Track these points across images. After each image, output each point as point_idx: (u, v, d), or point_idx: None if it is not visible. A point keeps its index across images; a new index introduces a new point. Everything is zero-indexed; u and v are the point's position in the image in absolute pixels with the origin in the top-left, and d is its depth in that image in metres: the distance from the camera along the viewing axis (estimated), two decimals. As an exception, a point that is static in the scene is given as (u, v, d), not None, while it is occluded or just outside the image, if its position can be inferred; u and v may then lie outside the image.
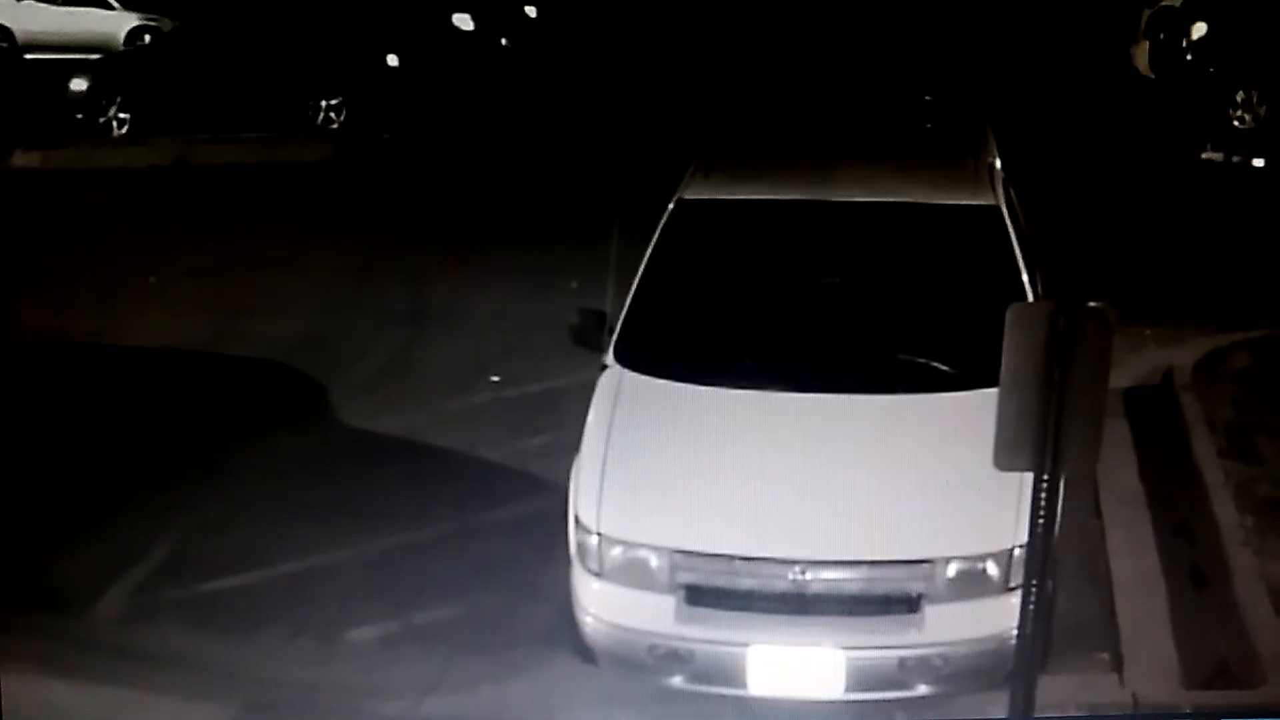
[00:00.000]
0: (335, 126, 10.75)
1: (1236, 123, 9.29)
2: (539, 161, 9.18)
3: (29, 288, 6.77)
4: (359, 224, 8.28)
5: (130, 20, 12.63)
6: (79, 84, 10.13)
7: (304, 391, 6.48)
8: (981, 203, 5.19)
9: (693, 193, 5.30)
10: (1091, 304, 3.91)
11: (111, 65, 10.85)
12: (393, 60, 11.33)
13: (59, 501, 5.35)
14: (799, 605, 4.24)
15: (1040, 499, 3.96)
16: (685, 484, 4.41)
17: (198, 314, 7.16)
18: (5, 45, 10.97)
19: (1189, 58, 9.90)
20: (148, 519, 5.37)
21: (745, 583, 4.25)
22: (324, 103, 10.76)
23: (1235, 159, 9.06)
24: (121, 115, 10.19)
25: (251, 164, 9.68)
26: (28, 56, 11.41)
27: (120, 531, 5.28)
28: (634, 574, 4.31)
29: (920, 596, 4.23)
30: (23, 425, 5.58)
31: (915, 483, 4.37)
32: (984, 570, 4.25)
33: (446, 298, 7.37)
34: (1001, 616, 4.16)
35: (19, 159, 9.38)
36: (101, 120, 10.11)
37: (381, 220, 8.35)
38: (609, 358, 4.89)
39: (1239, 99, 9.26)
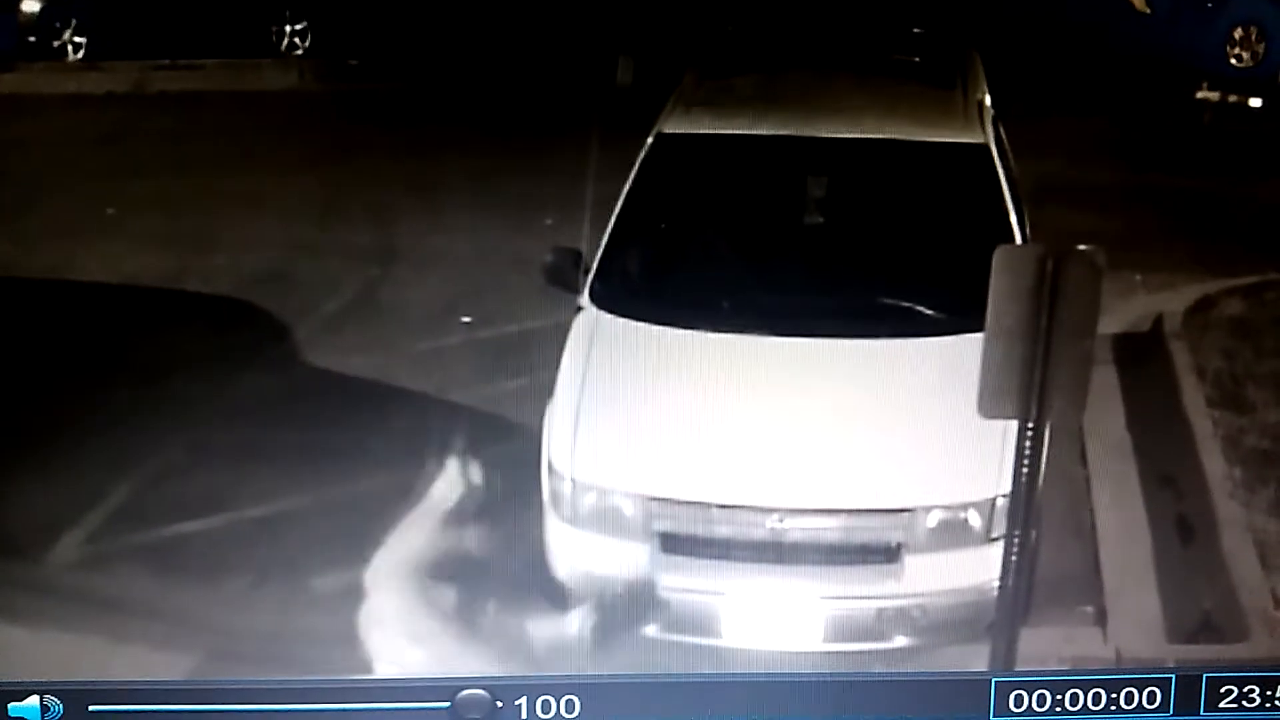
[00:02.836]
0: (300, 52, 10.46)
1: (1234, 60, 9.08)
2: (514, 91, 8.94)
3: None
4: (325, 155, 8.07)
5: (87, -61, 12.25)
6: (31, 5, 9.81)
7: (268, 330, 6.31)
8: (970, 140, 5.09)
9: (672, 126, 5.17)
10: (1081, 248, 3.82)
11: (66, -14, 10.52)
12: (360, -18, 11.03)
13: (12, 442, 5.19)
14: (776, 554, 4.19)
15: (1025, 447, 3.91)
16: (661, 429, 4.33)
17: (157, 248, 6.94)
18: (-48, -36, 10.58)
19: (1186, -9, 9.67)
20: (106, 461, 5.23)
21: (721, 531, 4.19)
22: (288, 27, 10.46)
23: (1232, 98, 8.89)
24: (76, 39, 9.87)
25: (213, 91, 9.42)
26: (-25, -24, 11.01)
27: (77, 474, 5.15)
28: (608, 521, 4.25)
29: (900, 546, 4.19)
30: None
31: (897, 430, 4.31)
32: (965, 520, 4.20)
33: (416, 234, 7.19)
34: (983, 567, 4.13)
35: (-33, 84, 9.08)
36: (55, 44, 9.79)
37: (348, 151, 8.13)
38: (584, 299, 4.79)
39: (1237, 36, 9.06)
